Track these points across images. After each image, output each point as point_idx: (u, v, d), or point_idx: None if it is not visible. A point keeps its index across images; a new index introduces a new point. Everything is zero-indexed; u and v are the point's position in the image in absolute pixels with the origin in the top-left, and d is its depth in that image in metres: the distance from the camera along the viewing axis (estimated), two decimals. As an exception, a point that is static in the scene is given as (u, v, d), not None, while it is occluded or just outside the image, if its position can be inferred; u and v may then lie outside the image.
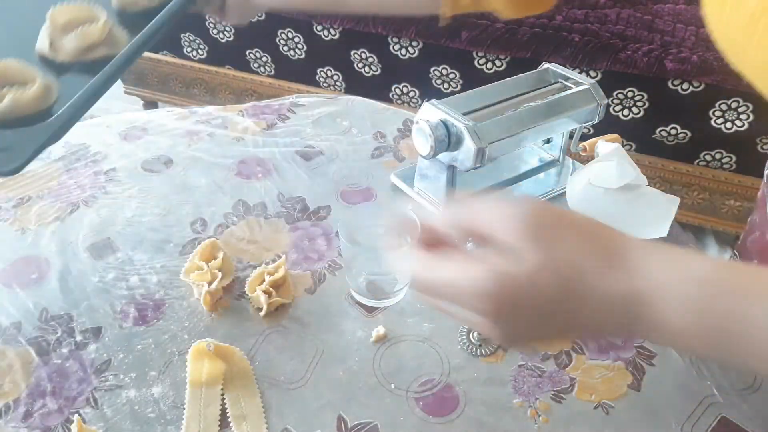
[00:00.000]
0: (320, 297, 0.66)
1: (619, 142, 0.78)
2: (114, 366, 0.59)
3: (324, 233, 0.74)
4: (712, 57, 1.42)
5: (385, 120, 0.95)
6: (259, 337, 0.62)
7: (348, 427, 0.54)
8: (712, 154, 1.54)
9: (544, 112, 0.74)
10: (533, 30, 1.55)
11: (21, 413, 0.54)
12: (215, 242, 0.71)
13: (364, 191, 0.81)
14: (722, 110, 1.46)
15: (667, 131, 1.54)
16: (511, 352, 0.61)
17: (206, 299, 0.64)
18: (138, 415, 0.55)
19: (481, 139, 0.67)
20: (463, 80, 1.65)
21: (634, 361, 0.60)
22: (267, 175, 0.83)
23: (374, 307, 0.65)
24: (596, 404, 0.56)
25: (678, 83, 1.47)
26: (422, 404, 0.56)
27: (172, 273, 0.68)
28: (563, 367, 0.59)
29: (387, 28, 1.63)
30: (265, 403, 0.56)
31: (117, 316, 0.63)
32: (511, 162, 0.84)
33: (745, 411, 0.56)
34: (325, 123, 0.94)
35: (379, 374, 0.58)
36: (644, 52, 1.46)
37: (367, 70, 1.75)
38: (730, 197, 1.58)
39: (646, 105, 1.52)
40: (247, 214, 0.77)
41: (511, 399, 0.57)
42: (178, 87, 2.03)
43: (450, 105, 0.71)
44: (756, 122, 1.45)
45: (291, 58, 1.81)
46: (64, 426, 0.54)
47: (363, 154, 0.88)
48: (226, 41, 1.87)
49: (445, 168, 0.73)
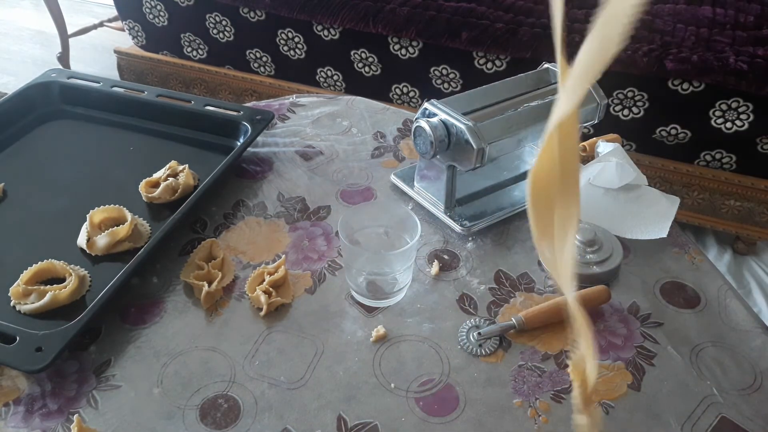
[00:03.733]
0: (320, 297, 0.66)
1: (619, 142, 0.78)
2: (114, 366, 0.59)
3: (324, 233, 0.74)
4: (712, 57, 1.42)
5: (385, 120, 0.95)
6: (259, 337, 0.62)
7: (348, 427, 0.54)
8: (712, 154, 1.54)
9: (544, 112, 0.74)
10: (533, 30, 1.55)
11: (21, 413, 0.55)
12: (215, 242, 0.71)
13: (364, 191, 0.81)
14: (722, 110, 1.46)
15: (667, 131, 1.54)
16: (511, 352, 0.61)
17: (206, 299, 0.64)
18: (138, 415, 0.55)
19: (481, 139, 0.67)
20: (463, 80, 1.65)
21: (634, 361, 0.60)
22: (267, 175, 0.83)
23: (374, 307, 0.65)
24: (596, 404, 0.56)
25: (678, 83, 1.47)
26: (422, 404, 0.56)
27: (172, 273, 0.68)
28: (563, 367, 0.59)
29: (387, 28, 1.63)
30: (265, 403, 0.56)
31: (117, 315, 0.63)
32: (511, 162, 0.84)
33: (745, 411, 0.56)
34: (325, 123, 0.94)
35: (379, 374, 0.58)
36: (644, 52, 1.46)
37: (367, 70, 1.74)
38: (730, 197, 1.58)
39: (646, 105, 1.52)
40: (247, 214, 0.77)
41: (511, 399, 0.57)
42: (178, 87, 2.03)
43: (450, 105, 0.71)
44: (756, 122, 1.45)
45: (291, 58, 1.81)
46: (64, 426, 0.54)
47: (363, 154, 0.88)
48: (226, 41, 1.87)
49: (445, 168, 0.73)
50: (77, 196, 0.77)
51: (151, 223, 0.73)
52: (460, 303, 0.66)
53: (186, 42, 1.93)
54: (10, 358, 0.55)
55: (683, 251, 0.73)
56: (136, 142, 0.87)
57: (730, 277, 1.59)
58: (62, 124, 0.90)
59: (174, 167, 0.79)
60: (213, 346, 0.61)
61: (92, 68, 2.50)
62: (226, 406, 0.55)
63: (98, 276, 0.66)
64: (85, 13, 2.88)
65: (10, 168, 0.81)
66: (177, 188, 0.76)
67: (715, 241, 1.71)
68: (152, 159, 0.81)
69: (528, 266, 0.70)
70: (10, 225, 0.73)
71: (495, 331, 0.62)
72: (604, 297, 0.64)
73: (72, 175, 0.81)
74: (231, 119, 0.87)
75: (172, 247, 0.71)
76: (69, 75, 0.94)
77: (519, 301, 0.66)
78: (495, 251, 0.72)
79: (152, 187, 0.77)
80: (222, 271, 0.67)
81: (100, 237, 0.69)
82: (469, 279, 0.68)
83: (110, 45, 2.22)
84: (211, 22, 1.84)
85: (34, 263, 0.65)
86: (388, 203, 0.78)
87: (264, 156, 0.86)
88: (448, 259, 0.71)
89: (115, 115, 0.90)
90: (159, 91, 0.91)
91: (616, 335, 0.63)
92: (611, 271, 0.68)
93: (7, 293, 0.63)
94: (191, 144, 0.86)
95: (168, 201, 0.76)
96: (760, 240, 1.63)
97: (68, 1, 2.68)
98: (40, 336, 0.56)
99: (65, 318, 0.59)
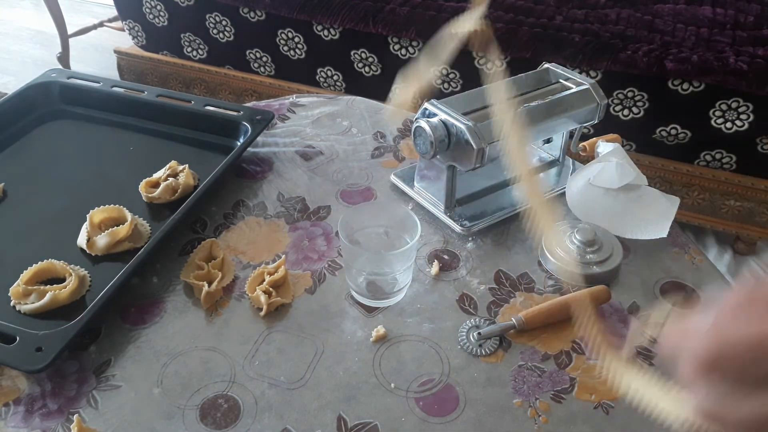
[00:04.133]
0: (320, 297, 0.66)
1: (619, 142, 0.78)
2: (114, 366, 0.59)
3: (324, 233, 0.74)
4: (712, 57, 1.42)
5: (385, 120, 0.95)
6: (259, 337, 0.62)
7: (348, 427, 0.54)
8: (712, 154, 1.54)
9: (544, 112, 0.74)
10: (533, 30, 1.55)
11: (21, 413, 0.55)
12: (215, 242, 0.71)
13: (364, 191, 0.81)
14: (722, 110, 1.46)
15: (667, 131, 1.54)
16: (511, 352, 0.61)
17: (206, 299, 0.64)
18: (138, 415, 0.55)
19: (481, 139, 0.67)
20: (463, 80, 1.65)
21: (635, 361, 0.60)
22: (267, 175, 0.83)
23: (374, 307, 0.65)
24: (596, 404, 0.56)
25: (678, 83, 1.47)
26: (422, 404, 0.56)
27: (172, 273, 0.68)
28: (563, 367, 0.59)
29: (387, 28, 1.63)
30: (265, 403, 0.56)
31: (117, 315, 0.63)
32: (511, 162, 0.84)
33: (745, 411, 0.56)
34: (325, 123, 0.94)
35: (379, 374, 0.58)
36: (644, 52, 1.46)
37: (367, 70, 1.75)
38: (730, 197, 1.58)
39: (646, 105, 1.52)
40: (247, 214, 0.77)
41: (511, 399, 0.57)
42: (178, 87, 2.03)
43: (450, 105, 0.71)
44: (756, 122, 1.45)
45: (291, 58, 1.81)
46: (64, 426, 0.54)
47: (363, 154, 0.88)
48: (226, 41, 1.87)
49: (445, 168, 0.73)
50: (77, 196, 0.77)
51: (151, 223, 0.73)
52: (460, 303, 0.66)
53: (186, 42, 1.93)
54: (10, 358, 0.55)
55: (683, 251, 0.73)
56: (136, 142, 0.87)
57: (730, 277, 1.59)
58: (62, 124, 0.90)
59: (174, 167, 0.79)
60: (213, 346, 0.61)
61: (92, 68, 2.50)
62: (226, 406, 0.55)
63: (98, 276, 0.66)
64: (85, 13, 2.89)
65: (10, 168, 0.81)
66: (177, 188, 0.76)
67: (715, 241, 1.71)
68: (152, 159, 0.81)
69: (528, 266, 0.70)
70: (10, 225, 0.73)
71: (495, 331, 0.62)
72: (604, 297, 0.64)
73: (72, 175, 0.81)
74: (231, 119, 0.87)
75: (172, 247, 0.71)
76: (69, 75, 0.94)
77: (519, 301, 0.66)
78: (495, 251, 0.72)
79: (152, 187, 0.77)
80: (222, 271, 0.67)
81: (100, 237, 0.69)
82: (469, 279, 0.68)
83: (110, 45, 2.22)
84: (211, 22, 1.84)
85: (34, 263, 0.65)
86: (388, 203, 0.78)
87: (264, 156, 0.86)
88: (448, 259, 0.71)
89: (115, 115, 0.90)
90: (159, 91, 0.91)
91: (616, 335, 0.63)
92: (611, 271, 0.68)
93: (7, 293, 0.63)
94: (191, 144, 0.86)
95: (168, 201, 0.76)
96: (760, 240, 1.63)
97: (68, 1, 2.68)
98: (40, 336, 0.56)
99: (65, 318, 0.59)
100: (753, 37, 1.50)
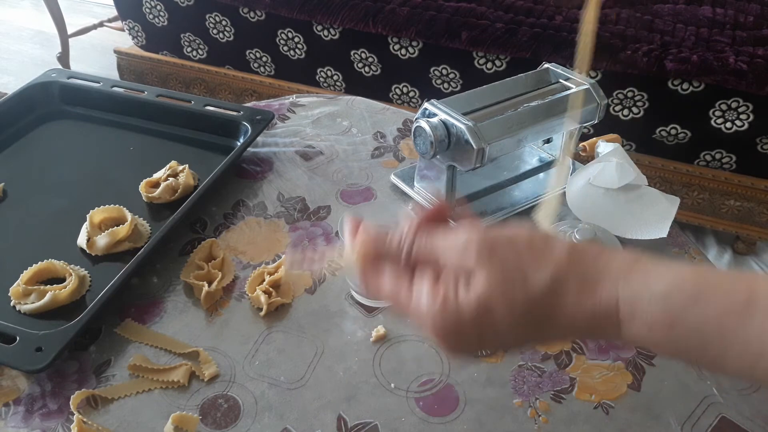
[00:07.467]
0: (320, 297, 0.66)
1: (619, 142, 0.78)
2: (114, 366, 0.59)
3: (324, 233, 0.74)
4: (712, 57, 1.42)
5: (385, 120, 0.95)
6: (259, 337, 0.62)
7: (348, 427, 0.54)
8: (712, 154, 1.54)
9: (544, 112, 0.74)
10: (533, 30, 1.55)
11: (21, 413, 0.55)
12: (215, 242, 0.71)
13: (364, 191, 0.81)
14: (722, 110, 1.46)
15: (667, 131, 1.54)
16: (512, 353, 0.61)
17: (206, 299, 0.64)
18: (138, 415, 0.55)
19: (481, 139, 0.67)
20: (463, 80, 1.65)
21: (634, 361, 0.60)
22: (267, 175, 0.83)
23: (374, 307, 0.65)
24: (596, 404, 0.56)
25: (678, 83, 1.47)
26: (422, 404, 0.56)
27: (172, 273, 0.68)
28: (563, 367, 0.59)
29: (387, 28, 1.63)
30: (265, 403, 0.56)
31: (117, 315, 0.63)
32: (511, 162, 0.84)
33: (745, 411, 0.56)
34: (325, 123, 0.94)
35: (379, 374, 0.58)
36: (644, 52, 1.46)
37: (367, 70, 1.75)
38: (730, 197, 1.58)
39: (646, 105, 1.52)
40: (247, 214, 0.77)
41: (511, 399, 0.57)
42: (178, 87, 2.03)
43: (450, 105, 0.71)
44: (756, 122, 1.45)
45: (291, 58, 1.81)
46: (64, 426, 0.54)
47: (363, 154, 0.88)
48: (226, 41, 1.87)
49: (445, 168, 0.73)
50: (77, 196, 0.77)
51: (151, 223, 0.73)
52: (460, 303, 0.66)
53: (186, 42, 1.93)
54: (10, 358, 0.55)
55: (683, 251, 0.73)
56: (136, 142, 0.87)
57: (730, 277, 1.59)
58: (62, 124, 0.90)
59: (174, 167, 0.79)
60: (213, 346, 0.61)
61: (92, 68, 2.50)
62: (226, 406, 0.55)
63: (98, 276, 0.66)
64: (85, 13, 2.89)
65: (10, 168, 0.81)
66: (177, 188, 0.76)
67: (715, 241, 1.71)
68: (152, 159, 0.81)
69: (528, 266, 0.70)
70: (10, 225, 0.73)
71: (495, 331, 0.61)
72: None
73: (72, 175, 0.81)
74: (231, 119, 0.87)
75: (172, 247, 0.71)
76: (69, 75, 0.94)
77: (519, 301, 0.66)
78: (495, 251, 0.72)
79: (152, 187, 0.77)
80: (222, 271, 0.67)
81: (100, 237, 0.69)
82: (469, 279, 0.68)
83: (110, 45, 2.22)
84: (211, 22, 1.84)
85: (34, 263, 0.65)
86: (388, 203, 0.78)
87: (264, 156, 0.86)
88: (448, 259, 0.71)
89: (115, 115, 0.90)
90: (159, 91, 0.91)
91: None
92: (611, 271, 0.68)
93: (7, 293, 0.63)
94: (191, 144, 0.86)
95: (168, 201, 0.76)
96: (760, 240, 1.63)
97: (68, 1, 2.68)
98: (40, 336, 0.56)
99: (65, 318, 0.59)
100: (753, 37, 1.50)
